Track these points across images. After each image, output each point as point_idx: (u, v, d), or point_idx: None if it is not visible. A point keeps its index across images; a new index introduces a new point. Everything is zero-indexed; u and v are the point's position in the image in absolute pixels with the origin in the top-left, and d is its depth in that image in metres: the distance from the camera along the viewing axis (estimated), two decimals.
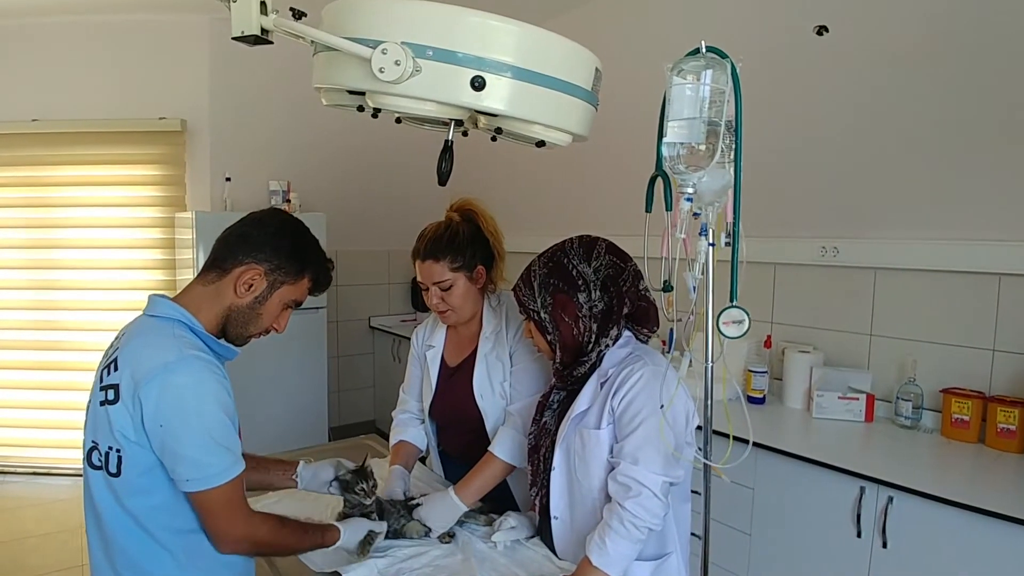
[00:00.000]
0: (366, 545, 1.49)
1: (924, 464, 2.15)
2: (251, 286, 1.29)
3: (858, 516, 2.06)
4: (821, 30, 2.70)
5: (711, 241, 1.02)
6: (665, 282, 1.08)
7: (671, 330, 1.09)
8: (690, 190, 0.97)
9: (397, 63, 0.95)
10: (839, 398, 2.55)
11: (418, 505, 1.65)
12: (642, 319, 1.51)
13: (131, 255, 4.14)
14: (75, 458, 4.10)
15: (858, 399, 2.54)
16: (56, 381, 4.17)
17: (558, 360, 1.50)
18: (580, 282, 1.46)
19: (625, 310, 1.46)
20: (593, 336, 1.46)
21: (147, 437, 1.17)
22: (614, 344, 1.47)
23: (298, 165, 4.35)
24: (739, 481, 2.33)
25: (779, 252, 2.91)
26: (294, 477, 1.64)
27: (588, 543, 1.37)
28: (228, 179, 4.02)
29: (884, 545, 2.00)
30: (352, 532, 1.47)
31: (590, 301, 1.46)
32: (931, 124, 2.47)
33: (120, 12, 3.97)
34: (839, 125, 2.73)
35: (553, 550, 1.54)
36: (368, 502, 1.56)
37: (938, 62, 2.42)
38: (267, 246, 1.30)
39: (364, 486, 1.54)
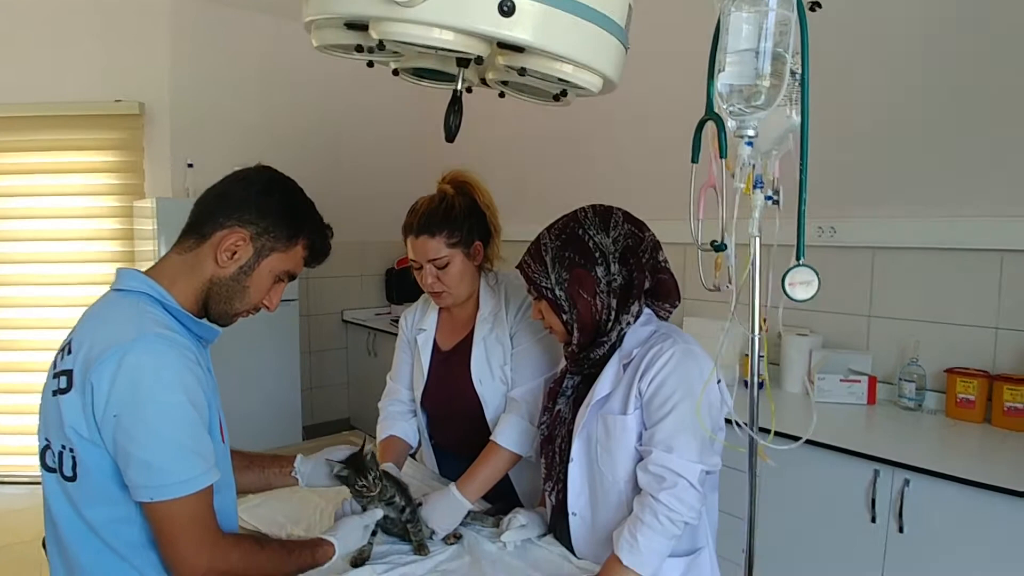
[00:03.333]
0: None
1: (934, 445, 2.09)
2: (235, 253, 1.10)
3: (872, 501, 1.97)
4: (814, 6, 2.62)
5: (769, 194, 0.90)
6: (714, 242, 0.95)
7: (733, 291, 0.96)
8: (751, 132, 0.85)
9: None
10: (840, 381, 2.48)
11: (419, 505, 1.50)
12: (662, 294, 1.38)
13: (86, 248, 3.89)
14: (32, 464, 3.85)
15: (860, 381, 2.47)
16: (6, 383, 3.91)
17: (574, 342, 1.37)
18: (598, 254, 1.33)
19: (646, 284, 1.34)
20: (612, 313, 1.34)
21: (100, 433, 0.97)
22: (635, 322, 1.34)
23: (265, 151, 4.09)
24: (739, 467, 2.24)
25: (769, 235, 2.82)
26: (293, 474, 1.46)
27: (616, 540, 1.24)
28: (190, 165, 3.79)
29: (900, 530, 1.92)
30: (349, 540, 1.29)
31: (609, 275, 1.33)
32: (928, 100, 2.40)
33: None
34: (834, 104, 2.66)
35: (570, 549, 1.41)
36: (375, 494, 1.38)
37: (936, 38, 2.36)
38: (252, 206, 1.11)
39: (365, 483, 1.37)
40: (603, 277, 1.33)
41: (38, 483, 1.11)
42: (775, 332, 2.77)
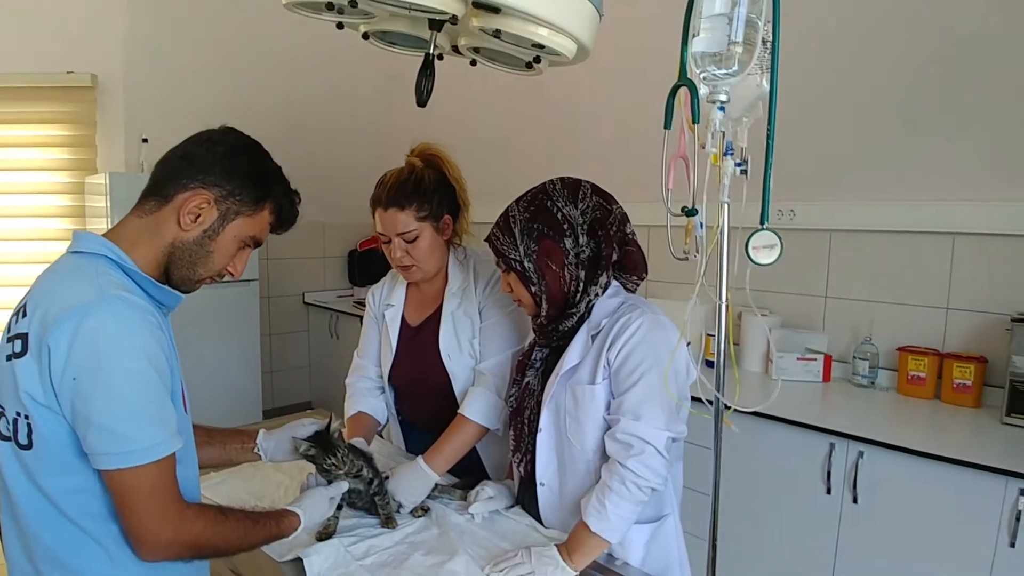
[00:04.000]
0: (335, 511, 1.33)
1: (886, 420, 2.16)
2: (198, 216, 1.06)
3: (828, 473, 2.04)
4: None
5: (739, 161, 0.91)
6: (685, 207, 0.96)
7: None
8: (723, 97, 0.86)
9: None
10: (797, 359, 2.55)
11: (386, 478, 1.49)
12: (629, 266, 1.39)
13: (35, 225, 3.74)
14: None
15: (816, 360, 2.54)
16: None
17: (543, 314, 1.37)
18: (566, 226, 1.33)
19: (614, 256, 1.35)
20: (581, 285, 1.34)
21: (57, 398, 0.93)
22: (603, 293, 1.35)
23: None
24: (700, 443, 2.28)
25: (735, 217, 2.87)
26: (256, 450, 1.42)
27: (584, 508, 1.26)
28: (145, 140, 3.66)
29: (855, 500, 1.99)
30: (315, 512, 1.26)
31: (577, 247, 1.34)
32: (884, 87, 2.46)
33: None
34: (793, 89, 2.70)
35: (538, 519, 1.43)
36: (343, 471, 1.37)
37: (893, 25, 2.41)
38: (217, 167, 1.07)
39: (334, 460, 1.35)
40: (571, 249, 1.33)
41: None
42: (737, 312, 2.83)
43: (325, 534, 1.39)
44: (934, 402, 2.28)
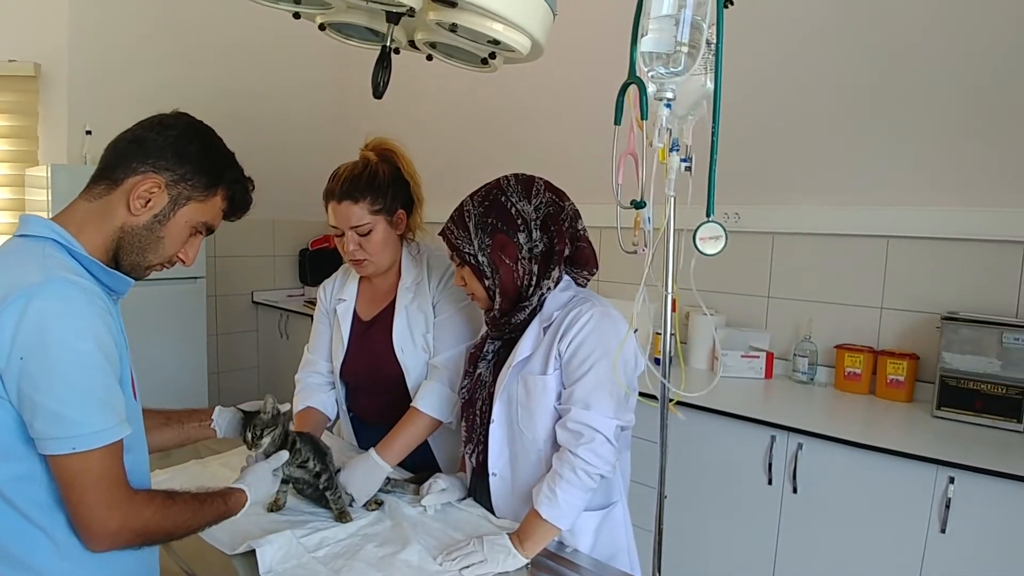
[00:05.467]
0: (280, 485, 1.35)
1: (824, 413, 2.25)
2: (148, 201, 1.04)
3: (770, 464, 2.11)
4: (727, 2, 2.74)
5: (684, 157, 0.95)
6: (633, 200, 1.00)
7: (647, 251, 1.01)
8: (670, 95, 0.90)
9: None
10: (741, 356, 2.63)
11: (338, 472, 1.49)
12: (580, 261, 1.43)
13: None
14: None
15: (758, 357, 2.63)
16: None
17: (496, 307, 1.40)
18: (520, 221, 1.36)
19: (566, 251, 1.38)
20: (534, 279, 1.37)
21: (2, 382, 0.91)
22: (555, 287, 1.39)
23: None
24: (648, 438, 2.34)
25: (682, 219, 2.95)
26: (212, 426, 1.42)
27: (536, 496, 1.29)
28: (89, 132, 3.55)
29: (795, 490, 2.07)
30: (260, 486, 1.26)
31: (530, 241, 1.37)
32: (825, 94, 2.56)
33: None
34: (739, 94, 2.79)
35: (490, 510, 1.45)
36: (265, 443, 1.35)
37: (836, 32, 2.52)
38: (169, 151, 1.06)
39: (251, 432, 1.34)
40: (525, 243, 1.36)
41: None
42: (684, 312, 2.91)
43: (276, 507, 1.40)
44: (869, 397, 2.38)
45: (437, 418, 1.61)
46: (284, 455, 1.34)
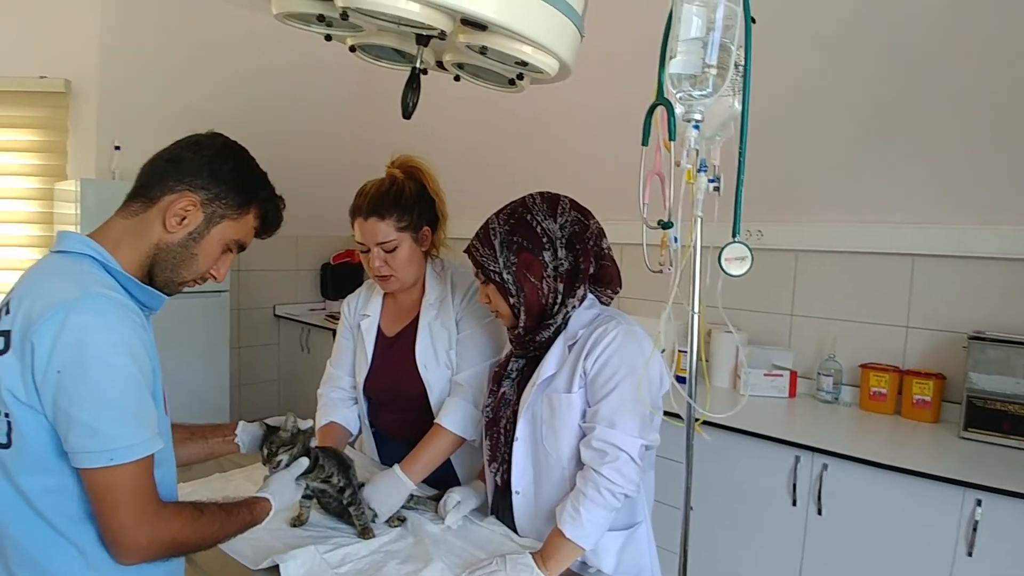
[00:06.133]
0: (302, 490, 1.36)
1: (849, 434, 2.22)
2: (183, 219, 1.07)
3: (794, 485, 2.09)
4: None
5: (712, 177, 0.95)
6: (660, 220, 1.01)
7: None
8: (698, 116, 0.91)
9: None
10: (764, 375, 2.61)
11: (361, 486, 1.50)
12: (604, 280, 1.43)
13: (2, 231, 3.66)
14: None
15: (782, 376, 2.60)
16: None
17: (521, 325, 1.40)
18: (545, 239, 1.37)
19: (591, 269, 1.39)
20: (559, 297, 1.38)
21: (38, 396, 0.93)
22: (580, 305, 1.39)
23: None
24: (672, 457, 2.33)
25: (707, 236, 2.94)
26: (235, 442, 1.43)
27: (559, 515, 1.28)
28: (117, 148, 3.63)
29: (819, 512, 2.04)
30: (283, 493, 1.28)
31: (556, 260, 1.37)
32: (849, 111, 2.56)
33: None
34: (762, 110, 2.78)
35: (513, 528, 1.44)
36: (282, 458, 1.36)
37: (857, 50, 2.51)
38: (204, 171, 1.09)
39: (268, 448, 1.35)
40: (550, 262, 1.37)
41: None
42: (706, 330, 2.89)
43: (299, 521, 1.41)
44: (895, 417, 2.35)
45: (461, 435, 1.61)
46: (304, 462, 1.35)
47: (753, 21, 1.09)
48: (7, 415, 0.95)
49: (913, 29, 2.37)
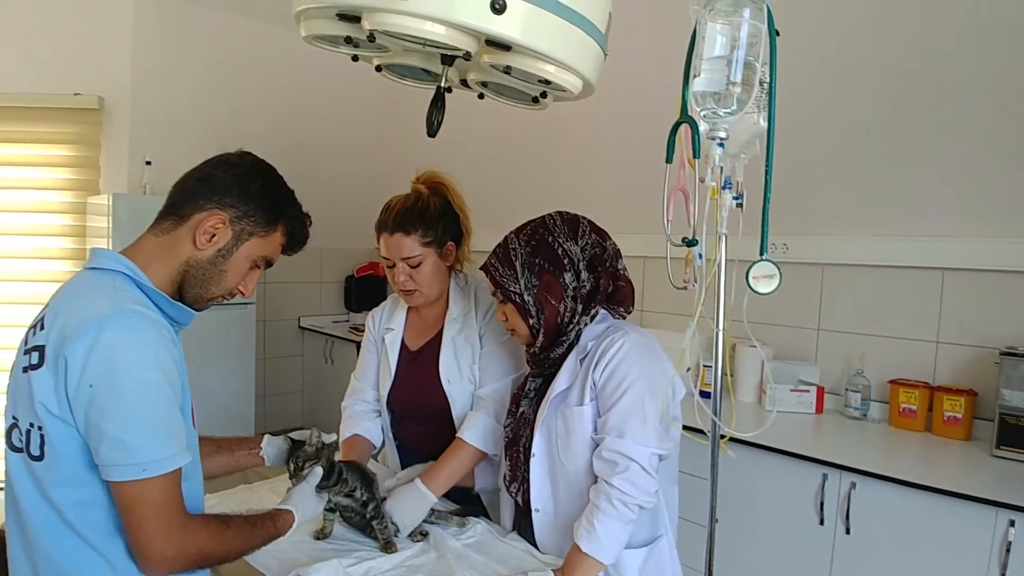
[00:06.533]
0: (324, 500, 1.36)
1: (878, 451, 2.18)
2: (213, 236, 1.10)
3: (821, 504, 2.05)
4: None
5: (736, 195, 0.95)
6: (685, 238, 1.00)
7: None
8: (722, 134, 0.91)
9: None
10: (790, 391, 2.57)
11: (384, 499, 1.51)
12: (619, 299, 1.43)
13: (37, 243, 3.76)
14: None
15: (809, 391, 2.57)
16: None
17: (537, 344, 1.40)
18: (567, 261, 1.37)
19: (608, 290, 1.39)
20: (576, 317, 1.38)
21: (71, 410, 0.95)
22: (591, 321, 1.39)
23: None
24: (696, 473, 2.30)
25: (732, 250, 2.92)
26: (260, 455, 1.44)
27: (576, 530, 1.28)
28: (148, 163, 3.72)
29: (847, 531, 2.00)
30: (305, 505, 1.29)
31: (576, 281, 1.37)
32: (875, 123, 2.53)
33: None
34: (787, 123, 2.77)
35: (534, 544, 1.44)
36: (305, 472, 1.37)
37: (882, 63, 2.49)
38: (234, 189, 1.11)
39: (294, 464, 1.36)
40: (571, 283, 1.37)
41: None
42: (731, 344, 2.86)
43: (322, 534, 1.42)
44: (925, 434, 2.30)
45: (482, 450, 1.61)
46: (319, 471, 1.36)
47: (777, 34, 1.09)
48: (40, 428, 0.98)
49: (939, 43, 2.34)
